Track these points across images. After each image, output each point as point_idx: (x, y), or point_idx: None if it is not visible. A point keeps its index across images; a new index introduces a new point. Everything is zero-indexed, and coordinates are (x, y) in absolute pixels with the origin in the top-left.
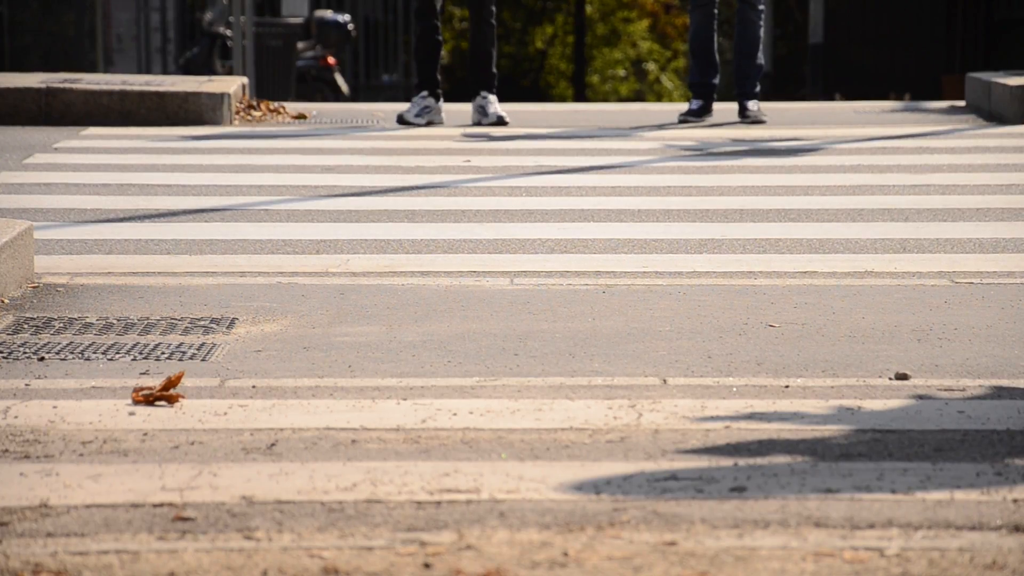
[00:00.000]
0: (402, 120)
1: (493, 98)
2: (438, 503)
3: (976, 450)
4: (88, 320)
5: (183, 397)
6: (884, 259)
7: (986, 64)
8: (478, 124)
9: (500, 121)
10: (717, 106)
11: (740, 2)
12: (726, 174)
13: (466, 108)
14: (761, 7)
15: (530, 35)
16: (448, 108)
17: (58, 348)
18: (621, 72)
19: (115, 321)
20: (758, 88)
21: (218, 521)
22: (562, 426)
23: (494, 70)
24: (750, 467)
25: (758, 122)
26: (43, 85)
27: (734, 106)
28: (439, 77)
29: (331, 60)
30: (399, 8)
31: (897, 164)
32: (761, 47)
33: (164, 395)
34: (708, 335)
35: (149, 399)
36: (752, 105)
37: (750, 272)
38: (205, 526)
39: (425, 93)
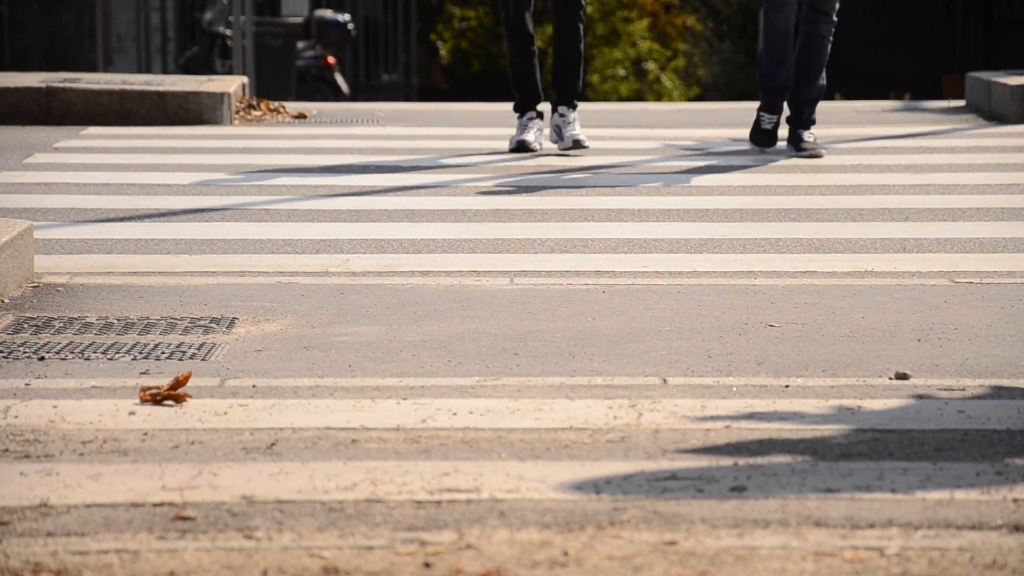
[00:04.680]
0: (524, 147)
1: (574, 116)
2: (438, 503)
3: (976, 450)
4: (88, 320)
5: (190, 397)
6: (884, 259)
7: (986, 64)
8: (553, 142)
9: (577, 145)
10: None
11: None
12: (726, 174)
13: (462, 107)
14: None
15: None
16: (447, 107)
17: (58, 348)
18: (621, 72)
19: (115, 321)
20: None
21: (218, 521)
22: (562, 426)
23: (579, 82)
24: (750, 467)
25: (816, 155)
26: (43, 85)
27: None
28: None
29: (331, 60)
30: (399, 8)
31: (897, 164)
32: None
33: (171, 394)
34: (708, 335)
35: (156, 398)
36: (808, 135)
37: (750, 272)
38: (205, 526)
39: (533, 114)
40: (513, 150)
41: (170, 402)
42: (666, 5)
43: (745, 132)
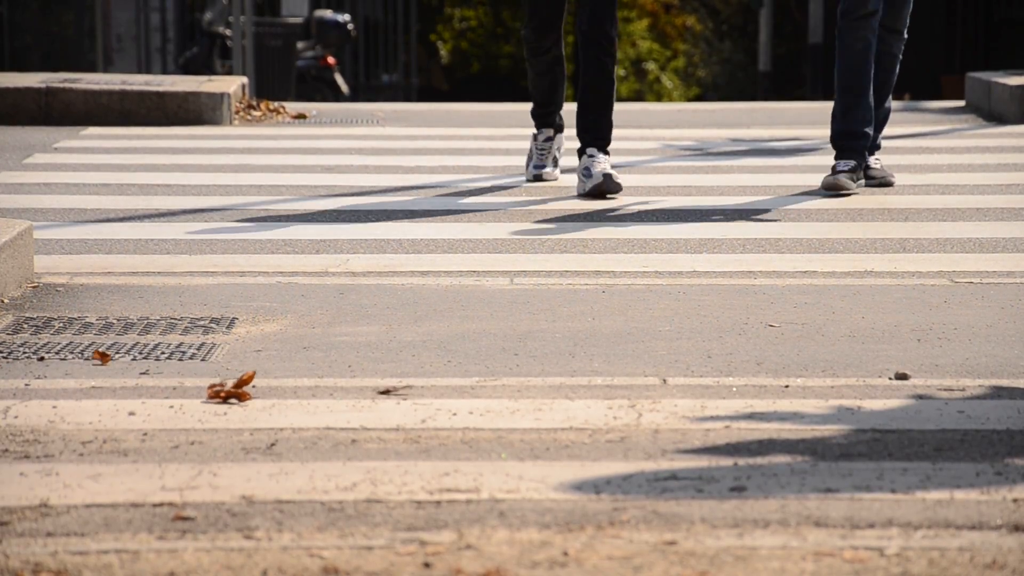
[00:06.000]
0: (540, 178)
1: (603, 158)
2: (438, 503)
3: (976, 450)
4: (88, 320)
5: (251, 397)
6: (884, 259)
7: (986, 64)
8: (581, 194)
9: (609, 181)
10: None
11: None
12: (726, 174)
13: (462, 108)
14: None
15: None
16: (447, 107)
17: (58, 348)
18: (621, 72)
19: (115, 321)
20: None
21: (218, 521)
22: (562, 426)
23: (611, 120)
24: (750, 467)
25: (886, 184)
26: (43, 85)
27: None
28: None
29: (331, 60)
30: (399, 8)
31: (897, 164)
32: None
33: (236, 393)
34: (708, 335)
35: (220, 395)
36: (875, 161)
37: (750, 272)
38: (205, 526)
39: (550, 131)
40: (531, 180)
41: (234, 400)
42: (666, 5)
43: (745, 132)
